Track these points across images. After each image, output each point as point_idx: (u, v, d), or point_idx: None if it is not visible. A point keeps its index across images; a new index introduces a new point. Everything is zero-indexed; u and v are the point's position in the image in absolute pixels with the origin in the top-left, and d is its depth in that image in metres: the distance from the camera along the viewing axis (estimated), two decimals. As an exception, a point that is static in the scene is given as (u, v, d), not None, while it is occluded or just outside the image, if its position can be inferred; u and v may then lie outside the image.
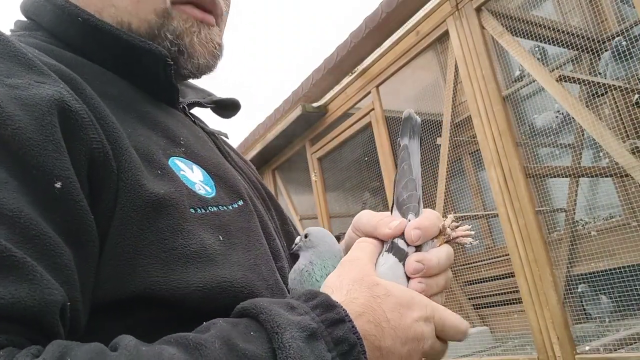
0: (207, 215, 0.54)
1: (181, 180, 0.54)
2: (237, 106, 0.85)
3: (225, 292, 0.50)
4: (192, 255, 0.50)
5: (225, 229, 0.55)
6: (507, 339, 3.05)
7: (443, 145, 3.07)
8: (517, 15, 2.69)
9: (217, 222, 0.55)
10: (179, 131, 0.62)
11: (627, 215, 2.71)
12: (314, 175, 4.28)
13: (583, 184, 3.00)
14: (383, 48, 3.37)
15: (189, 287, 0.48)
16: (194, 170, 0.58)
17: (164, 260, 0.48)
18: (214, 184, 0.59)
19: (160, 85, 0.64)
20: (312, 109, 4.10)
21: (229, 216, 0.57)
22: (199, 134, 0.68)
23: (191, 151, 0.60)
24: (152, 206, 0.49)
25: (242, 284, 0.52)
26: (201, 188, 0.56)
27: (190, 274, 0.49)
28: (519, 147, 2.60)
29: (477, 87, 2.72)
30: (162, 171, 0.53)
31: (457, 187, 3.33)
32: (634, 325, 2.39)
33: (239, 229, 0.57)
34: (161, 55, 0.60)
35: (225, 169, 0.64)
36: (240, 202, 0.61)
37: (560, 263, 2.64)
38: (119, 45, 0.60)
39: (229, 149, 0.79)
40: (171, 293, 0.48)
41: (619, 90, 2.67)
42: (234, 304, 0.47)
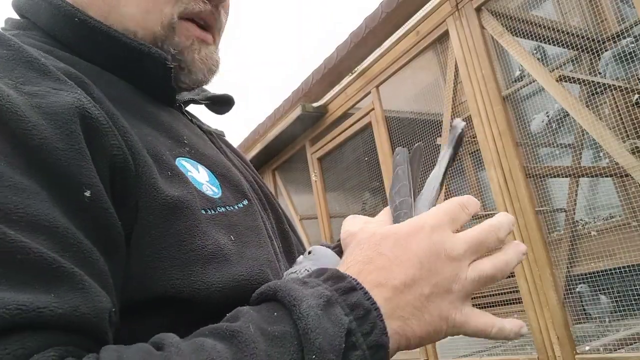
0: (217, 216, 0.55)
1: (190, 181, 0.54)
2: (231, 102, 0.86)
3: (244, 289, 0.51)
4: (210, 256, 0.50)
5: (235, 229, 0.56)
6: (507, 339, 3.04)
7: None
8: (517, 15, 2.69)
9: (227, 222, 0.55)
10: (182, 131, 0.62)
11: (627, 215, 2.71)
12: (314, 175, 4.28)
13: (583, 184, 3.00)
14: (383, 48, 3.37)
15: (209, 287, 0.49)
16: (199, 170, 0.59)
17: (183, 262, 0.49)
18: (219, 183, 0.60)
19: (159, 87, 0.64)
20: (312, 109, 4.10)
21: (236, 216, 0.57)
22: (198, 132, 0.68)
23: (195, 151, 0.61)
24: (169, 209, 0.49)
25: (260, 280, 0.53)
26: (208, 189, 0.57)
27: (209, 274, 0.50)
28: (519, 147, 2.60)
29: (477, 87, 2.72)
30: (171, 172, 0.53)
31: (457, 187, 3.33)
32: (634, 325, 2.39)
33: (247, 227, 0.58)
34: (161, 58, 0.61)
35: (228, 168, 0.64)
36: (245, 202, 0.61)
37: (560, 263, 2.64)
38: (117, 47, 0.60)
39: (227, 147, 0.79)
40: (192, 294, 0.48)
41: (618, 90, 2.67)
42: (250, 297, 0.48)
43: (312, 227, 4.62)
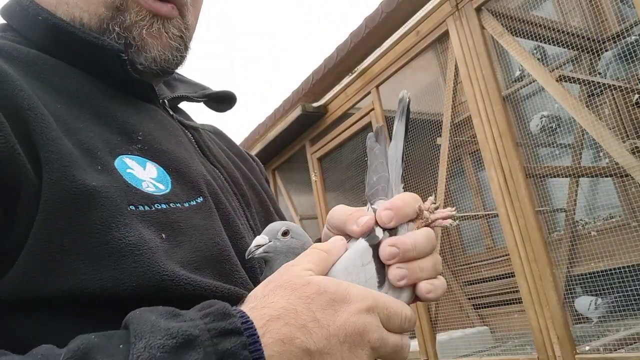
0: (152, 212, 0.52)
1: (122, 177, 0.53)
2: (232, 99, 0.84)
3: (165, 291, 0.48)
4: (129, 248, 0.47)
5: (172, 227, 0.53)
6: (507, 339, 3.05)
7: (443, 145, 3.07)
8: (517, 15, 2.69)
9: (163, 219, 0.53)
10: (141, 127, 0.60)
11: (627, 216, 2.71)
12: (314, 175, 4.28)
13: (583, 184, 3.00)
14: (383, 48, 3.37)
15: (120, 284, 0.46)
16: (146, 167, 0.57)
17: (95, 256, 0.46)
18: (171, 180, 0.58)
19: (123, 80, 0.63)
20: (312, 109, 4.10)
21: (181, 213, 0.55)
22: (170, 128, 0.66)
23: (149, 147, 0.59)
24: (83, 197, 0.47)
25: (186, 282, 0.49)
26: (150, 185, 0.55)
27: (125, 269, 0.46)
28: (519, 147, 2.60)
29: (477, 87, 2.72)
30: (102, 167, 0.52)
31: (457, 187, 3.33)
32: (634, 325, 2.39)
33: (190, 226, 0.55)
34: (113, 49, 0.60)
35: (188, 164, 0.61)
36: (199, 199, 0.59)
37: (560, 263, 2.64)
38: (76, 42, 0.60)
39: (213, 143, 0.76)
40: (102, 290, 0.45)
41: (618, 90, 2.67)
42: (175, 302, 0.45)
43: (312, 227, 4.62)
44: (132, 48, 0.63)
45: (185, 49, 0.68)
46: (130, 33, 0.62)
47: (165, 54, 0.65)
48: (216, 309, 0.41)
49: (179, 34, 0.66)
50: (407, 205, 0.55)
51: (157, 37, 0.64)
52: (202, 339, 0.38)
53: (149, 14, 0.63)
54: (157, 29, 0.64)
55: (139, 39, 0.63)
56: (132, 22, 0.62)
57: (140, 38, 0.63)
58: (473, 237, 3.45)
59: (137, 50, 0.63)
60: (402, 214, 0.54)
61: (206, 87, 0.83)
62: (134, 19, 0.62)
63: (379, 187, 0.56)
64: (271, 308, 0.43)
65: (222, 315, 0.41)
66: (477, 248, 3.50)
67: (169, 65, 0.66)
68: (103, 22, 0.62)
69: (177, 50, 0.66)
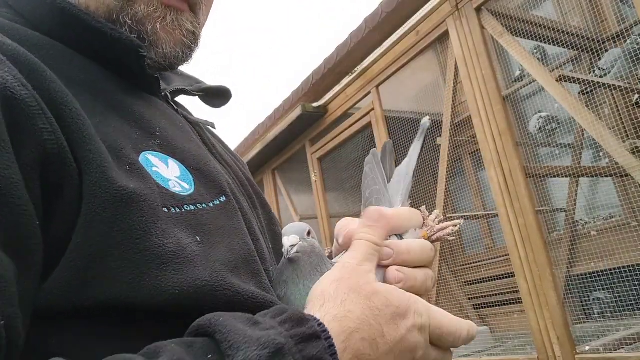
0: (183, 214, 0.50)
1: (152, 177, 0.49)
2: (228, 95, 0.81)
3: (204, 296, 0.46)
4: (168, 256, 0.45)
5: (204, 229, 0.50)
6: (507, 339, 3.05)
7: (443, 145, 3.07)
8: (517, 15, 2.69)
9: (194, 221, 0.50)
10: (156, 121, 0.57)
11: (627, 215, 2.71)
12: (314, 175, 4.28)
13: (583, 184, 3.00)
14: (383, 48, 3.37)
15: (166, 291, 0.44)
16: (169, 164, 0.54)
17: (136, 263, 0.44)
18: (193, 178, 0.55)
19: (135, 74, 0.59)
20: (312, 109, 4.10)
21: (208, 214, 0.52)
22: (179, 123, 0.63)
23: (168, 143, 0.56)
24: (122, 201, 0.44)
25: (225, 286, 0.47)
26: (176, 185, 0.52)
27: (165, 277, 0.44)
28: (519, 147, 2.60)
29: (477, 87, 2.72)
30: (130, 167, 0.48)
31: (457, 187, 3.33)
32: (634, 325, 2.39)
33: (219, 227, 0.52)
34: (133, 45, 0.56)
35: (206, 162, 0.59)
36: (222, 199, 0.56)
37: (560, 263, 2.64)
38: (89, 31, 0.56)
39: (216, 140, 0.74)
40: (145, 298, 0.43)
41: (619, 90, 2.67)
42: (215, 308, 0.43)
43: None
44: (146, 43, 0.59)
45: (195, 46, 0.65)
46: (143, 27, 0.58)
47: (176, 51, 0.61)
48: (292, 315, 0.41)
49: (192, 30, 0.63)
50: (401, 213, 0.55)
51: (170, 32, 0.60)
52: (289, 346, 0.37)
53: (161, 5, 0.59)
54: (172, 21, 0.60)
55: (152, 34, 0.59)
56: (145, 15, 0.58)
57: (154, 32, 0.59)
58: (473, 237, 3.45)
59: (150, 45, 0.59)
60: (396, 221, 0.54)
61: (200, 80, 0.80)
62: (145, 11, 0.58)
63: (372, 200, 0.58)
64: (350, 319, 0.43)
65: (299, 320, 0.40)
66: (477, 248, 3.50)
67: (177, 62, 0.63)
68: (112, 14, 0.58)
69: (187, 48, 0.63)
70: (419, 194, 3.29)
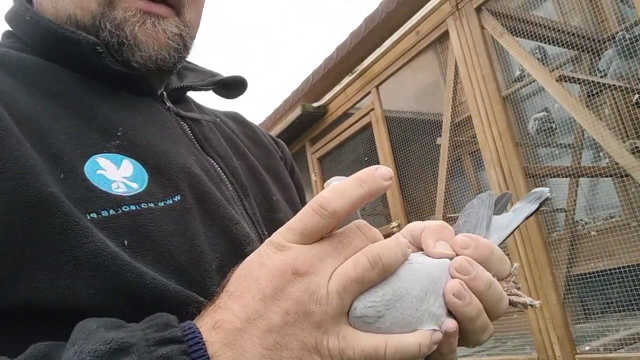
0: (117, 216, 0.50)
1: (86, 182, 0.51)
2: (242, 85, 0.81)
3: (123, 298, 0.46)
4: (84, 257, 0.46)
5: (139, 231, 0.51)
6: (507, 339, 3.05)
7: (443, 145, 3.07)
8: (517, 15, 2.70)
9: (129, 223, 0.51)
10: (123, 122, 0.59)
11: (627, 215, 2.71)
12: (314, 175, 4.27)
13: (583, 184, 3.00)
14: (383, 48, 3.37)
15: (80, 291, 0.45)
16: (122, 165, 0.55)
17: (50, 266, 0.45)
18: (148, 176, 0.56)
19: (115, 75, 0.62)
20: (312, 109, 4.10)
21: (151, 215, 0.53)
22: (161, 121, 0.64)
23: (129, 142, 0.57)
24: (37, 205, 0.46)
25: (153, 291, 0.47)
26: (120, 186, 0.53)
27: (81, 277, 0.45)
28: (519, 147, 2.60)
29: (477, 87, 2.72)
30: (65, 174, 0.51)
31: (457, 187, 3.33)
32: (634, 325, 2.39)
33: (160, 230, 0.52)
34: (88, 43, 0.59)
35: (168, 158, 0.59)
36: (176, 197, 0.56)
37: (560, 263, 2.64)
38: (57, 39, 0.60)
39: (214, 134, 0.74)
40: (61, 300, 0.44)
41: (619, 90, 2.67)
42: (142, 313, 0.43)
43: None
44: (125, 46, 0.61)
45: (184, 48, 0.66)
46: (122, 31, 0.61)
47: (162, 54, 0.63)
48: (160, 321, 0.40)
49: (178, 32, 0.64)
50: (493, 249, 0.48)
51: (153, 35, 0.62)
52: (139, 346, 0.37)
53: (139, 11, 0.62)
54: (152, 25, 0.62)
55: (131, 37, 0.61)
56: (122, 19, 0.61)
57: (133, 36, 0.61)
58: (473, 237, 3.44)
59: (131, 48, 0.61)
60: (480, 253, 0.47)
61: (216, 73, 0.81)
62: (123, 16, 0.61)
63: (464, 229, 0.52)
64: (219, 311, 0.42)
65: (164, 326, 0.40)
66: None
67: (165, 64, 0.64)
68: (95, 19, 0.61)
69: (175, 51, 0.64)
70: (418, 194, 3.29)
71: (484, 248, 0.47)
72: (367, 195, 0.41)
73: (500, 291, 0.47)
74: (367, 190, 0.41)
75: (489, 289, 0.45)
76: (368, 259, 0.41)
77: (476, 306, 0.44)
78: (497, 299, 0.47)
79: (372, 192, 0.41)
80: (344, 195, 0.41)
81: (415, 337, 0.41)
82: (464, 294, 0.44)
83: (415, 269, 0.44)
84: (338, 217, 0.41)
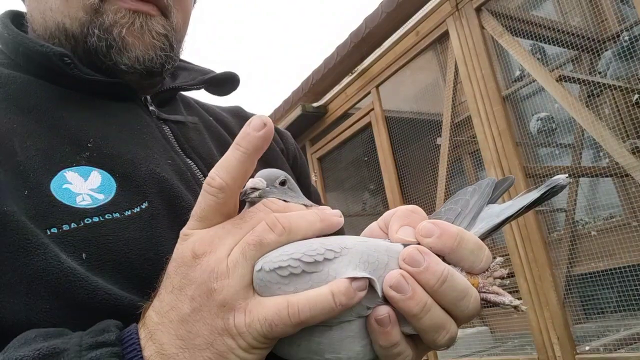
0: (77, 229, 0.50)
1: (50, 197, 0.51)
2: (234, 81, 0.81)
3: (86, 315, 0.45)
4: (37, 274, 0.46)
5: (98, 243, 0.50)
6: (507, 339, 3.05)
7: (443, 145, 3.07)
8: (517, 15, 2.69)
9: (89, 236, 0.50)
10: (95, 132, 0.59)
11: (627, 215, 2.71)
12: (314, 175, 4.27)
13: (583, 184, 2.99)
14: (383, 48, 3.37)
15: (36, 307, 0.45)
16: (90, 176, 0.55)
17: (5, 284, 0.45)
18: (116, 186, 0.56)
19: (94, 84, 0.62)
20: (312, 109, 4.10)
21: (115, 225, 0.52)
22: (138, 126, 0.64)
23: (99, 153, 0.57)
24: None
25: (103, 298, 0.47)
26: (86, 199, 0.53)
27: (36, 294, 0.45)
28: (519, 147, 2.60)
29: (477, 87, 2.72)
30: (30, 190, 0.51)
31: (457, 187, 3.33)
32: (634, 325, 2.38)
33: (121, 239, 0.52)
34: (55, 55, 0.59)
35: (137, 166, 0.58)
36: (143, 205, 0.56)
37: (560, 263, 2.64)
38: (30, 52, 0.61)
39: (197, 136, 0.73)
40: (16, 317, 0.44)
41: (619, 90, 2.67)
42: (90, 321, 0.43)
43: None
44: (114, 49, 0.62)
45: (170, 48, 0.67)
46: (110, 34, 0.61)
47: (149, 54, 0.64)
48: (99, 327, 0.41)
49: (163, 32, 0.65)
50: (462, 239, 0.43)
51: (139, 36, 0.63)
52: (70, 351, 0.38)
53: (128, 11, 0.62)
54: (140, 26, 0.62)
55: (119, 39, 0.62)
56: (112, 22, 0.61)
57: (120, 37, 0.62)
58: (473, 237, 3.44)
59: (119, 50, 0.62)
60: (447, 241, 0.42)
61: (209, 71, 0.81)
62: (112, 19, 0.61)
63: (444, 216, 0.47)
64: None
65: (100, 331, 0.40)
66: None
67: (153, 65, 0.65)
68: (84, 27, 0.62)
69: (161, 50, 0.65)
70: (418, 194, 3.29)
71: (450, 236, 0.42)
72: (246, 157, 0.40)
73: (462, 287, 0.41)
74: (244, 151, 0.40)
75: (444, 284, 0.40)
76: (266, 223, 0.39)
77: (420, 301, 0.39)
78: (458, 296, 0.41)
79: (250, 150, 0.40)
80: (224, 165, 0.40)
81: (328, 287, 0.37)
82: (404, 287, 0.39)
83: (351, 243, 0.40)
84: (229, 192, 0.40)
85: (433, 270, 0.40)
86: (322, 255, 0.38)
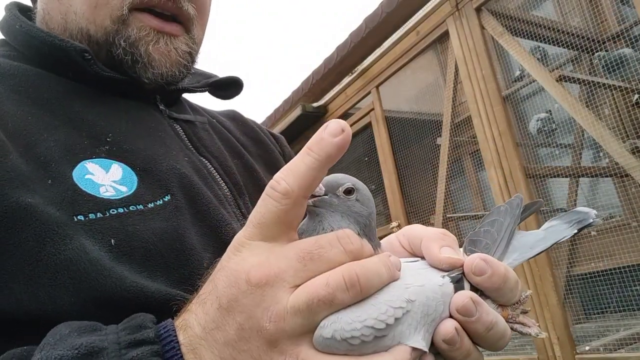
0: (104, 219, 0.50)
1: (75, 186, 0.51)
2: (237, 85, 0.82)
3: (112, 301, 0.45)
4: (63, 263, 0.45)
5: (126, 231, 0.50)
6: (507, 339, 3.04)
7: (443, 145, 3.07)
8: (517, 15, 2.69)
9: (117, 225, 0.50)
10: (113, 127, 0.60)
11: (627, 216, 2.71)
12: (314, 175, 4.27)
13: (583, 184, 2.99)
14: (383, 48, 3.37)
15: (61, 299, 0.44)
16: (111, 169, 0.55)
17: (28, 275, 0.44)
18: (137, 179, 0.56)
19: (107, 81, 0.63)
20: (312, 109, 4.10)
21: (139, 217, 0.52)
22: (152, 124, 0.65)
23: (118, 147, 0.58)
24: (14, 215, 0.46)
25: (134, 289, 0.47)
26: (109, 190, 0.53)
27: (60, 284, 0.45)
28: (519, 147, 2.60)
29: (477, 87, 2.72)
30: (53, 180, 0.50)
31: (457, 187, 3.33)
32: (634, 325, 2.39)
33: (148, 229, 0.52)
34: (76, 50, 0.59)
35: (158, 161, 0.59)
36: (166, 198, 0.56)
37: (560, 263, 2.64)
38: (47, 47, 0.61)
39: (208, 134, 0.75)
40: (41, 309, 0.44)
41: (619, 90, 2.67)
42: (124, 316, 0.41)
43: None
44: (139, 64, 0.62)
45: (192, 63, 0.69)
46: (136, 49, 0.62)
47: (173, 71, 0.65)
48: (134, 323, 0.39)
49: (187, 50, 0.66)
50: (507, 279, 0.43)
51: (165, 54, 0.63)
52: (110, 350, 0.36)
53: (153, 30, 0.63)
54: (165, 44, 0.63)
55: (145, 55, 0.62)
56: (137, 38, 0.62)
57: (147, 54, 0.62)
58: (473, 237, 3.44)
59: (144, 66, 0.63)
60: (495, 279, 0.42)
61: (212, 75, 0.82)
62: (137, 34, 0.62)
63: (483, 241, 0.47)
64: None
65: (137, 327, 0.39)
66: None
67: (175, 80, 0.67)
68: (109, 36, 0.62)
69: (184, 67, 0.67)
70: (418, 194, 3.29)
71: (499, 277, 0.42)
72: (317, 164, 0.37)
73: (502, 331, 0.42)
74: (317, 157, 0.36)
75: (490, 331, 0.41)
76: (344, 279, 0.35)
77: (464, 351, 0.40)
78: (498, 338, 0.42)
79: (322, 157, 0.37)
80: (292, 170, 0.37)
81: (391, 355, 0.36)
82: (456, 340, 0.39)
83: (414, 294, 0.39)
84: (294, 199, 0.36)
85: (483, 320, 0.40)
86: (392, 316, 0.37)
